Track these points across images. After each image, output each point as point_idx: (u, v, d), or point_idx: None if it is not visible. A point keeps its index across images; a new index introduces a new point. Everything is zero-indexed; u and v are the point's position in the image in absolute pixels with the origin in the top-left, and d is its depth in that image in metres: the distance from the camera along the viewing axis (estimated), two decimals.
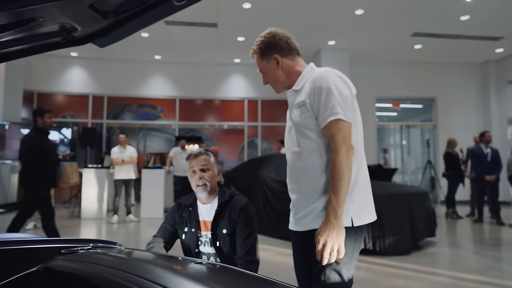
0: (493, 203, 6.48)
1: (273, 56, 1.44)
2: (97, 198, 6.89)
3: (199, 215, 1.90)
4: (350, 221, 1.27)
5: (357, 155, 1.34)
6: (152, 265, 0.87)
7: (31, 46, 1.05)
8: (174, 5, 0.89)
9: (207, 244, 1.86)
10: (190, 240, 1.87)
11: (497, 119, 9.58)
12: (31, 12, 0.76)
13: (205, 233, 1.88)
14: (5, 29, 0.81)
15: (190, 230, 1.88)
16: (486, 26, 7.50)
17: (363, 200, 1.34)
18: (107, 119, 9.97)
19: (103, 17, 0.94)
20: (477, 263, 3.93)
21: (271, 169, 5.42)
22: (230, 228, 1.82)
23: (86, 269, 0.88)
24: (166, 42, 8.44)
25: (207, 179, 1.86)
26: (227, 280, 0.79)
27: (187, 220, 1.91)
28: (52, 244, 1.03)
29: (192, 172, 1.89)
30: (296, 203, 1.39)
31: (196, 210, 1.91)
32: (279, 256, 4.15)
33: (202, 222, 1.90)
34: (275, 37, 1.45)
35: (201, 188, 1.85)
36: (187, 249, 1.90)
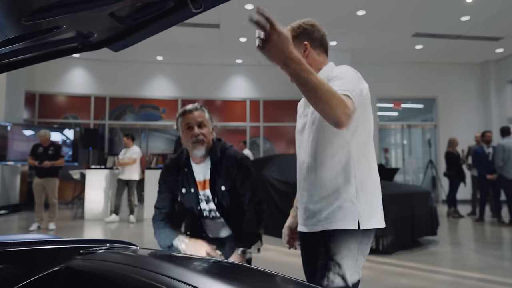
0: (495, 202, 6.51)
1: (303, 42, 1.42)
2: (100, 199, 6.92)
3: (194, 175, 1.85)
4: (357, 223, 1.25)
5: (368, 157, 1.33)
6: (172, 263, 0.90)
7: (49, 51, 1.07)
8: (191, 12, 0.91)
9: (206, 201, 1.86)
10: (190, 200, 1.86)
11: (497, 119, 9.61)
12: (57, 21, 0.79)
13: (202, 192, 1.85)
14: (29, 37, 0.84)
15: (189, 190, 1.85)
16: (486, 26, 7.53)
17: (372, 205, 1.31)
18: (109, 120, 10.00)
19: (120, 23, 0.96)
20: (479, 261, 3.96)
21: (274, 169, 5.45)
22: (228, 184, 1.81)
23: (107, 268, 0.91)
24: (168, 43, 8.47)
25: (205, 135, 1.78)
26: (248, 278, 0.81)
27: (184, 182, 1.86)
28: (70, 244, 1.06)
29: (187, 129, 1.79)
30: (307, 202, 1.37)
31: (191, 170, 1.86)
32: (286, 256, 4.18)
33: (200, 182, 1.86)
34: (313, 27, 1.44)
35: (199, 145, 1.77)
36: (187, 209, 1.88)
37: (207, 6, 0.89)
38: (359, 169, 1.29)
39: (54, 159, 5.74)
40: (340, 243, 1.26)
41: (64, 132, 8.87)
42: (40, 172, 5.73)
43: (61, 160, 5.84)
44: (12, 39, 0.83)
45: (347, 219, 1.26)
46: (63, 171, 7.62)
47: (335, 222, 1.27)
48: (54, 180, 5.80)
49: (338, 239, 1.26)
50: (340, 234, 1.26)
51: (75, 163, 8.87)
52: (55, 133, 8.59)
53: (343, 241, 1.26)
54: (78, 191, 8.09)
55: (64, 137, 8.79)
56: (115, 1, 0.77)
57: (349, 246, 1.26)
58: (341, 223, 1.26)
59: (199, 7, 0.88)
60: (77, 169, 8.22)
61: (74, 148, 8.89)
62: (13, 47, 0.88)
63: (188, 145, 1.80)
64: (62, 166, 5.99)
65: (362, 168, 1.30)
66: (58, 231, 5.66)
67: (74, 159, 8.89)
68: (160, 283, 0.76)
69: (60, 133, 8.78)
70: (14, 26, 0.77)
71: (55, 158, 5.76)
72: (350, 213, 1.26)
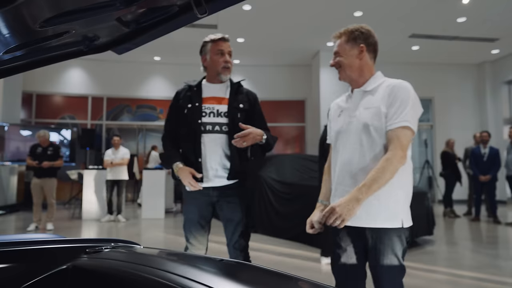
0: (490, 202, 6.57)
1: (360, 44, 1.51)
2: (97, 199, 6.92)
3: (203, 92, 2.05)
4: (401, 223, 1.43)
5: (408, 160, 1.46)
6: (177, 261, 0.92)
7: (55, 55, 1.09)
8: (196, 16, 0.93)
9: (212, 115, 1.99)
10: (193, 113, 1.99)
11: (493, 119, 9.69)
12: (67, 26, 0.81)
13: (210, 106, 2.00)
14: (40, 42, 0.86)
15: (194, 105, 2.01)
16: (482, 28, 7.60)
17: (408, 204, 1.48)
18: (106, 120, 9.99)
19: (125, 27, 0.98)
20: (475, 260, 4.00)
21: (271, 169, 5.48)
22: (246, 105, 2.05)
23: (113, 266, 0.93)
24: (165, 44, 8.48)
25: (231, 64, 2.04)
26: (255, 277, 0.84)
27: (192, 97, 2.03)
28: (76, 243, 1.08)
29: (218, 54, 2.00)
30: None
31: (200, 88, 2.06)
32: (282, 255, 4.20)
33: (209, 97, 2.03)
34: (370, 33, 1.54)
35: (227, 71, 2.02)
36: (188, 122, 1.99)
37: (212, 10, 0.92)
38: (403, 172, 1.43)
39: (53, 159, 5.74)
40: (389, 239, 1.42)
41: (61, 132, 8.85)
42: (38, 172, 5.72)
43: (60, 161, 5.84)
44: (24, 43, 0.85)
45: (394, 218, 1.43)
46: (60, 172, 7.59)
47: (384, 221, 1.42)
48: (52, 181, 5.79)
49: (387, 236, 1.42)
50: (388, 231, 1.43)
51: (72, 163, 8.85)
52: (52, 133, 8.57)
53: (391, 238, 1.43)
54: (76, 192, 8.08)
55: (61, 137, 8.77)
56: (123, 7, 0.79)
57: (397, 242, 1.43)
58: (390, 222, 1.43)
59: (204, 11, 0.90)
60: (74, 170, 8.21)
61: (71, 148, 8.87)
62: (23, 51, 0.90)
63: (217, 68, 2.02)
64: (61, 166, 5.99)
65: (406, 171, 1.45)
66: (56, 231, 5.65)
67: (71, 159, 8.87)
68: (166, 280, 0.79)
69: (57, 133, 8.76)
70: (28, 32, 0.79)
71: (54, 159, 5.76)
72: (397, 213, 1.43)
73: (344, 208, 1.31)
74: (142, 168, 8.13)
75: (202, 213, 2.01)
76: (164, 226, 6.35)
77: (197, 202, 2.01)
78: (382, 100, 1.44)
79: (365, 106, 1.48)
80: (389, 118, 1.41)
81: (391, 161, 1.34)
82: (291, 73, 10.07)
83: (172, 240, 5.26)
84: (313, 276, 1.60)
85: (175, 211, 8.00)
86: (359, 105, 1.50)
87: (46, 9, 0.70)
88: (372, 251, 1.47)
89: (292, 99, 10.44)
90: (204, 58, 2.06)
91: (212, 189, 1.97)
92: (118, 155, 6.72)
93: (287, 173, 5.39)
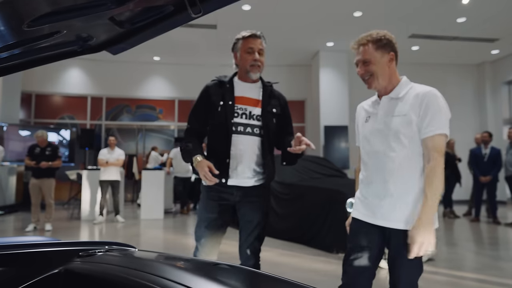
0: (490, 203, 6.55)
1: (390, 52, 1.54)
2: (96, 199, 6.90)
3: (235, 91, 1.97)
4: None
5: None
6: (171, 265, 0.91)
7: (49, 55, 1.08)
8: (191, 16, 0.91)
9: (244, 116, 1.93)
10: (225, 111, 1.91)
11: (493, 120, 9.68)
12: (58, 26, 0.80)
13: (242, 106, 1.94)
14: (30, 42, 0.84)
15: (227, 103, 1.93)
16: (482, 28, 7.58)
17: None
18: (106, 120, 9.97)
19: (119, 27, 0.97)
20: (475, 262, 3.99)
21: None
22: (279, 110, 2.01)
23: (106, 270, 0.92)
24: (165, 43, 8.46)
25: (262, 62, 1.97)
26: (247, 281, 0.82)
27: (224, 94, 1.95)
28: (69, 246, 1.07)
29: (248, 52, 1.94)
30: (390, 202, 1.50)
31: (232, 86, 1.98)
32: (281, 256, 4.19)
33: (241, 97, 1.96)
34: (393, 39, 1.56)
35: (256, 69, 1.95)
36: (221, 121, 1.92)
37: (206, 10, 0.90)
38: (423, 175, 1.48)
39: (51, 159, 5.72)
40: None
41: (61, 133, 8.84)
42: (36, 172, 5.70)
43: (58, 161, 5.82)
44: (13, 44, 0.84)
45: None
46: (59, 172, 7.57)
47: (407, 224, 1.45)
48: (50, 181, 5.77)
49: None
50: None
51: (72, 163, 8.84)
52: (52, 133, 8.56)
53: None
54: (75, 192, 8.06)
55: (60, 138, 8.75)
56: (115, 7, 0.78)
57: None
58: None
59: (198, 11, 0.89)
60: (73, 170, 8.20)
61: (70, 148, 8.86)
62: (13, 51, 0.89)
63: (245, 66, 1.95)
64: (59, 167, 5.97)
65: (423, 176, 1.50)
66: (55, 232, 5.64)
67: (70, 159, 8.86)
68: (159, 286, 0.77)
69: (57, 134, 8.75)
70: (16, 32, 0.77)
71: (52, 159, 5.74)
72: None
73: (425, 237, 1.37)
74: (141, 168, 8.12)
75: (222, 214, 1.93)
76: (163, 226, 6.33)
77: (218, 202, 1.92)
78: (413, 108, 1.47)
79: (395, 114, 1.51)
80: (425, 126, 1.45)
81: (440, 171, 1.43)
82: (291, 73, 10.06)
83: (171, 240, 5.24)
84: (312, 278, 1.59)
85: (175, 211, 7.99)
86: (387, 112, 1.54)
87: (32, 9, 0.68)
88: (394, 251, 1.50)
89: (291, 99, 10.36)
90: (235, 55, 2.01)
91: (236, 188, 1.91)
92: (114, 155, 6.68)
93: (287, 174, 5.37)
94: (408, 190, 1.47)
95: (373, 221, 1.53)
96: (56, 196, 7.10)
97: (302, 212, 4.76)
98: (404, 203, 1.46)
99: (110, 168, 6.59)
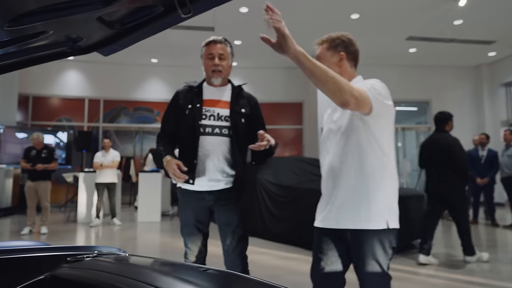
0: (488, 205, 6.55)
1: (340, 52, 1.54)
2: (93, 202, 6.86)
3: (203, 94, 2.03)
4: (386, 224, 1.41)
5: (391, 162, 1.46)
6: (160, 272, 0.89)
7: (38, 56, 1.06)
8: (180, 17, 0.90)
9: (212, 118, 1.97)
10: (193, 114, 1.97)
11: (490, 122, 9.70)
12: (42, 26, 0.78)
13: (210, 108, 1.98)
14: (14, 42, 0.82)
15: (194, 105, 1.98)
16: (479, 30, 7.60)
17: (394, 206, 1.46)
18: (103, 122, 9.94)
19: (109, 28, 0.95)
20: (473, 264, 3.97)
21: (268, 172, 5.44)
22: (248, 110, 2.04)
23: (92, 277, 0.89)
24: (162, 46, 8.45)
25: (223, 67, 2.00)
26: (234, 286, 0.80)
27: (193, 98, 2.01)
28: (58, 252, 1.04)
29: (209, 58, 2.00)
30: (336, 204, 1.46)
31: (201, 90, 2.05)
32: (278, 259, 4.16)
33: (210, 100, 2.01)
34: (351, 41, 1.57)
35: (216, 74, 1.99)
36: (189, 124, 1.96)
37: (196, 11, 0.89)
38: (385, 173, 1.43)
39: (47, 162, 5.69)
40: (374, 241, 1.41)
41: (58, 135, 8.80)
42: (32, 175, 5.66)
43: (54, 164, 5.78)
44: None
45: (378, 220, 1.40)
46: (56, 174, 7.53)
47: (368, 222, 1.40)
48: (46, 184, 5.73)
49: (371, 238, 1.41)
50: (372, 233, 1.41)
51: (69, 166, 8.80)
52: (49, 135, 8.52)
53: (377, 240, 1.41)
54: (71, 194, 8.02)
55: (57, 140, 8.71)
56: (101, 7, 0.76)
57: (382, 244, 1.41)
58: (374, 223, 1.40)
59: (188, 12, 0.87)
60: (70, 172, 8.16)
61: (67, 150, 8.82)
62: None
63: (208, 72, 2.02)
64: (55, 169, 5.93)
65: (388, 171, 1.44)
66: (50, 235, 5.60)
67: (67, 162, 8.81)
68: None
69: (54, 136, 8.71)
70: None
71: (48, 161, 5.70)
72: (380, 214, 1.41)
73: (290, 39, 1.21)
74: (138, 171, 8.08)
75: (198, 217, 1.98)
76: (160, 229, 6.30)
77: (193, 206, 1.97)
78: None
79: (337, 111, 1.52)
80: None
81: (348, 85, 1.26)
82: (288, 76, 10.05)
83: (168, 244, 5.21)
84: (308, 282, 1.57)
85: (172, 214, 7.95)
86: (337, 109, 1.53)
87: (11, 8, 0.66)
88: (353, 256, 1.46)
89: (289, 102, 10.41)
90: (202, 62, 2.08)
91: (207, 193, 1.94)
92: (108, 157, 6.65)
93: (284, 176, 5.35)
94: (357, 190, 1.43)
95: (325, 225, 1.51)
96: (53, 199, 7.07)
97: (299, 215, 4.74)
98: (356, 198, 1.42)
99: (106, 170, 6.56)
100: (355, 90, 1.27)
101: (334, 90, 1.24)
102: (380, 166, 1.42)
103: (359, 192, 1.41)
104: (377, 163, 1.42)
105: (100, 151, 6.80)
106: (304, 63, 1.22)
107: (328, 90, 1.24)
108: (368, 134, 1.42)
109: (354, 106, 1.28)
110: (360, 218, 1.41)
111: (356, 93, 1.27)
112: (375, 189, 1.41)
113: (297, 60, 1.22)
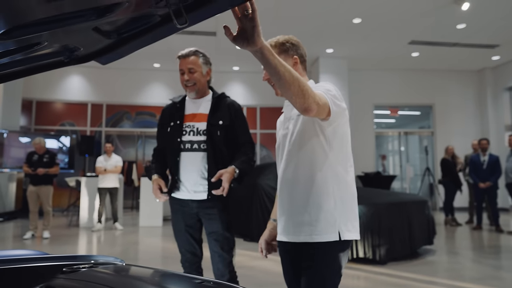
0: (492, 210, 6.49)
1: (294, 56, 1.45)
2: (95, 206, 6.86)
3: (185, 110, 2.06)
4: (338, 235, 1.29)
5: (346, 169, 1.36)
6: (153, 283, 0.88)
7: (35, 65, 1.06)
8: (176, 27, 0.90)
9: (192, 133, 1.99)
10: (174, 132, 2.01)
11: (494, 126, 9.63)
12: (38, 37, 0.78)
13: (190, 124, 2.01)
14: (8, 54, 0.82)
15: (175, 122, 2.03)
16: (482, 34, 7.58)
17: (350, 216, 1.34)
18: (106, 127, 9.98)
19: (106, 37, 0.95)
20: (476, 271, 3.92)
21: (270, 177, 5.42)
22: (227, 120, 2.01)
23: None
24: (165, 50, 8.48)
25: (195, 79, 2.00)
26: None
27: (174, 115, 2.06)
28: (54, 261, 1.04)
29: (181, 74, 2.02)
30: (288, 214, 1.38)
31: (183, 105, 2.08)
32: (276, 263, 4.13)
33: (190, 115, 2.04)
34: (299, 44, 1.49)
35: (188, 88, 2.02)
36: (171, 141, 2.02)
37: (192, 21, 0.89)
38: (337, 182, 1.33)
39: (49, 166, 5.70)
40: (323, 254, 1.30)
41: (61, 139, 8.83)
42: (34, 179, 5.68)
43: (55, 168, 5.80)
44: None
45: (329, 231, 1.29)
46: (59, 178, 7.56)
47: (317, 235, 1.30)
48: (48, 188, 5.75)
49: (321, 251, 1.30)
50: (323, 245, 1.29)
51: (71, 170, 8.82)
52: (52, 140, 8.55)
53: (326, 252, 1.30)
54: (74, 199, 8.03)
55: (60, 144, 8.74)
56: (95, 18, 0.76)
57: (332, 257, 1.29)
58: (324, 235, 1.29)
59: (184, 22, 0.87)
60: (73, 176, 8.18)
61: (70, 155, 8.85)
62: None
63: (183, 87, 2.05)
64: (57, 174, 5.95)
65: (341, 180, 1.34)
66: (52, 239, 5.60)
67: (70, 166, 8.84)
68: None
69: (57, 140, 8.75)
70: None
71: (50, 166, 5.72)
72: (331, 225, 1.29)
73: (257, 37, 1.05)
74: (141, 175, 8.09)
75: (187, 222, 2.03)
76: (161, 234, 6.29)
77: (181, 212, 2.04)
78: None
79: (291, 118, 1.42)
80: None
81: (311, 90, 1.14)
82: None
83: (169, 249, 5.19)
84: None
85: None
86: (291, 115, 1.43)
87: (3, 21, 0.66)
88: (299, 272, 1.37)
89: None
90: None
91: (190, 201, 1.99)
92: (111, 162, 6.66)
93: None
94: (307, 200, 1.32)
95: (280, 238, 1.43)
96: (55, 203, 7.10)
97: None
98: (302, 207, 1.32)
99: (108, 175, 6.56)
100: (317, 97, 1.16)
101: (298, 94, 1.10)
102: (332, 174, 1.32)
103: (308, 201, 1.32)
104: (330, 171, 1.32)
105: (102, 155, 6.81)
106: (269, 59, 1.04)
107: (293, 94, 1.10)
108: (322, 141, 1.32)
109: (315, 113, 1.17)
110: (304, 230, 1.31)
111: (318, 100, 1.17)
112: (326, 199, 1.30)
113: (262, 55, 1.04)
